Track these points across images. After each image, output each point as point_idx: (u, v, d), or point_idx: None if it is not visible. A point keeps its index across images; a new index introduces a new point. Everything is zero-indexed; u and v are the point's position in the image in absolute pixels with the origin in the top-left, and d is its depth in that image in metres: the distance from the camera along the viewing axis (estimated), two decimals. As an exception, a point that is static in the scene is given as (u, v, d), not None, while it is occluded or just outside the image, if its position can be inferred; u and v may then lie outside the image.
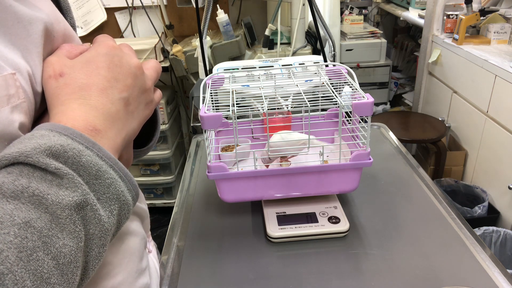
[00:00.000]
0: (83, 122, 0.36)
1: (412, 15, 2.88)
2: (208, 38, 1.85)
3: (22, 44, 0.36)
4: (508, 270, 0.65)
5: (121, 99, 0.40)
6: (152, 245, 0.62)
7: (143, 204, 0.55)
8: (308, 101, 0.67)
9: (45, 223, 0.30)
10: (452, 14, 2.30)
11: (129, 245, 0.49)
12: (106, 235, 0.35)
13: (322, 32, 1.54)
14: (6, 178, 0.30)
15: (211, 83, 0.81)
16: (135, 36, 2.37)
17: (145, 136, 0.55)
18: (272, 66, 0.91)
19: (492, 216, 1.89)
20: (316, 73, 0.86)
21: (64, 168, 0.32)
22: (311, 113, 0.68)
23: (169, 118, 2.21)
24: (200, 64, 1.54)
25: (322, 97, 0.80)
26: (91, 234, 0.33)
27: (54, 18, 0.41)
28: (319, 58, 0.94)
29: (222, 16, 1.82)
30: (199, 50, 1.62)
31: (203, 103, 0.71)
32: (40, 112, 0.40)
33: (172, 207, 0.87)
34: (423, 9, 2.69)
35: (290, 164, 0.80)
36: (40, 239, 0.29)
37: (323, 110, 0.87)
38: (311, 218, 0.75)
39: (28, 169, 0.31)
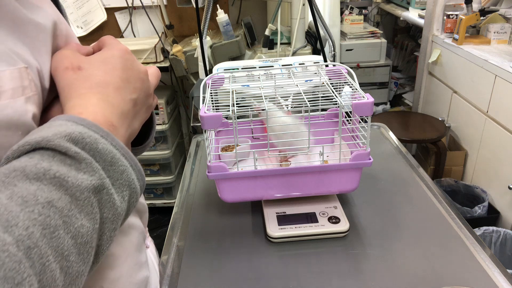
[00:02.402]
0: (103, 117, 0.38)
1: (412, 15, 2.88)
2: (208, 38, 1.85)
3: (31, 43, 0.38)
4: (508, 270, 0.65)
5: (131, 100, 0.42)
6: (149, 241, 0.62)
7: (141, 199, 0.56)
8: (308, 101, 0.67)
9: (65, 203, 0.31)
10: (452, 14, 2.30)
11: (129, 238, 0.50)
12: (118, 220, 0.36)
13: (322, 32, 1.54)
14: (28, 162, 0.31)
15: (211, 83, 0.81)
16: (135, 36, 2.37)
17: (141, 135, 0.56)
18: (272, 66, 0.91)
19: (492, 216, 1.89)
20: (316, 73, 0.86)
21: (83, 153, 0.33)
22: (311, 113, 0.68)
23: (169, 118, 2.21)
24: (200, 64, 1.54)
25: (322, 97, 0.80)
26: (105, 218, 0.35)
27: (57, 18, 0.43)
28: (319, 58, 0.94)
29: (222, 16, 1.82)
30: (199, 50, 1.62)
31: (203, 103, 0.71)
32: (44, 107, 0.41)
33: (172, 207, 0.87)
34: (423, 9, 2.69)
35: (290, 164, 0.80)
36: (61, 218, 0.31)
37: (323, 110, 0.87)
38: (311, 218, 0.75)
39: (48, 153, 0.32)
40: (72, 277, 0.31)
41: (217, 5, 1.83)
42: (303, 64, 0.91)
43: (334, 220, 0.74)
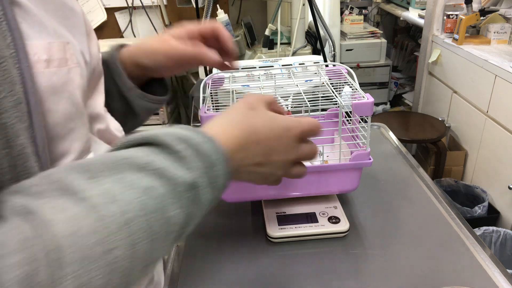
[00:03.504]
0: (225, 136, 0.43)
1: (412, 15, 2.88)
2: (208, 38, 1.85)
3: (69, 25, 0.43)
4: (508, 270, 0.65)
5: (258, 174, 0.48)
6: None
7: None
8: (308, 101, 0.67)
9: (164, 192, 0.34)
10: (452, 14, 2.30)
11: None
12: (199, 215, 0.39)
13: (322, 32, 1.54)
14: (136, 153, 0.36)
15: (211, 83, 0.81)
16: (135, 36, 2.37)
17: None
18: (272, 66, 0.91)
19: (492, 216, 1.89)
20: (316, 73, 0.86)
21: (183, 150, 0.37)
22: (311, 113, 0.68)
23: (169, 118, 2.21)
24: (200, 64, 1.54)
25: (322, 97, 0.79)
26: (188, 215, 0.37)
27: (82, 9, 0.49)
28: (319, 58, 0.94)
29: (222, 16, 1.82)
30: (199, 50, 1.62)
31: (203, 103, 0.71)
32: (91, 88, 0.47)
33: (172, 207, 0.87)
34: (423, 9, 2.69)
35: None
36: (157, 205, 0.34)
37: (323, 110, 0.87)
38: (311, 218, 0.75)
39: (155, 147, 0.37)
40: (152, 259, 0.34)
41: (217, 5, 1.83)
42: (303, 64, 0.91)
43: (334, 220, 0.74)
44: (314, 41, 1.91)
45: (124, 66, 0.58)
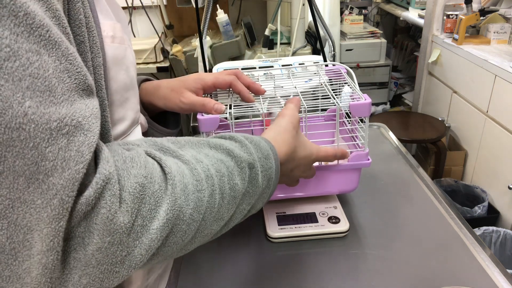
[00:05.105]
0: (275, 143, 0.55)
1: (412, 15, 2.88)
2: (208, 38, 1.85)
3: (117, 18, 0.50)
4: (508, 270, 0.65)
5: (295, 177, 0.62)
6: None
7: None
8: (309, 101, 0.67)
9: (231, 165, 0.45)
10: (452, 14, 2.30)
11: None
12: (253, 197, 0.48)
13: (322, 32, 1.54)
14: (211, 139, 0.48)
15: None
16: (135, 36, 2.37)
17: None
18: (272, 66, 0.91)
19: (492, 216, 1.89)
20: (316, 73, 0.86)
21: (246, 142, 0.49)
22: (311, 114, 0.68)
23: (169, 118, 2.20)
24: (200, 64, 1.55)
25: (322, 97, 0.79)
26: (247, 191, 0.47)
27: None
28: (319, 58, 0.94)
29: (222, 16, 1.82)
30: (199, 50, 1.62)
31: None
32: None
33: (172, 207, 0.87)
34: (423, 9, 2.69)
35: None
36: (227, 171, 0.45)
37: (323, 110, 0.87)
38: (311, 218, 0.75)
39: (224, 138, 0.49)
40: (219, 216, 0.44)
41: (217, 5, 1.83)
42: (303, 64, 0.91)
43: (334, 220, 0.74)
44: (314, 41, 1.91)
45: (140, 97, 0.66)
